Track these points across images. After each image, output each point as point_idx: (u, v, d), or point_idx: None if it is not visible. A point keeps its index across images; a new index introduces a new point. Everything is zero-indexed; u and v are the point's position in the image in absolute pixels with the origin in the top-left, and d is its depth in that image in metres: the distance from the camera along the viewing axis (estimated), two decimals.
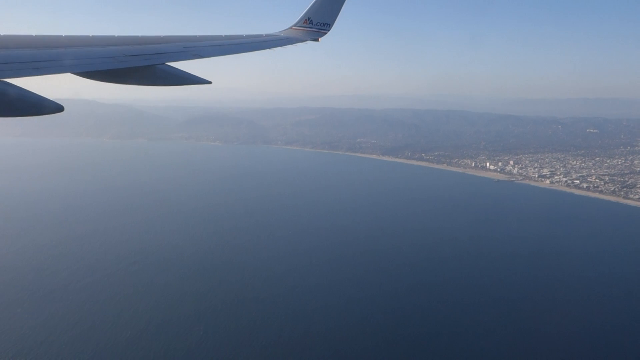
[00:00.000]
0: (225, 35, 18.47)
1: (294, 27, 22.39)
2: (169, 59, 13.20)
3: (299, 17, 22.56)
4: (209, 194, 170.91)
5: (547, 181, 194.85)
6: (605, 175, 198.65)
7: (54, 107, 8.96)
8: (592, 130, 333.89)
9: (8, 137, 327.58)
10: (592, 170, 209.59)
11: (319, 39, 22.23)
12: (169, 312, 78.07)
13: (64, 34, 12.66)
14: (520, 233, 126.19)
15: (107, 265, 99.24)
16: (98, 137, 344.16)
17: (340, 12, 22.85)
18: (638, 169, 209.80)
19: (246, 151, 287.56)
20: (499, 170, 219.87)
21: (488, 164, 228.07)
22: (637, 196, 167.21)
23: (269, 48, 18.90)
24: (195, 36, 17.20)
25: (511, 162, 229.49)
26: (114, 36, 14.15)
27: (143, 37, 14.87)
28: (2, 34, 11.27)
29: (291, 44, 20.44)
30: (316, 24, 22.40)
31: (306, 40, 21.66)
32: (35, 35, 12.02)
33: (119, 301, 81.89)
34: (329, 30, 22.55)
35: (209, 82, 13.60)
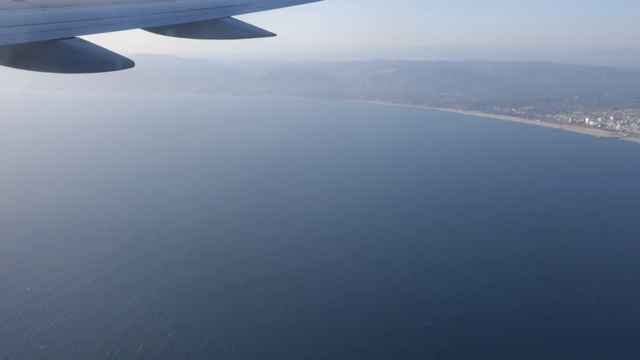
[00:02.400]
0: None
1: None
2: (234, 11, 13.15)
3: None
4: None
5: None
6: None
7: (125, 63, 9.30)
8: None
9: (98, 91, 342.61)
10: None
11: None
12: None
13: None
14: None
15: None
16: (182, 92, 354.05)
17: None
18: None
19: (332, 106, 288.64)
20: (599, 126, 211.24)
21: (587, 120, 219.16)
22: None
23: None
24: None
25: (611, 118, 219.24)
26: None
27: None
28: None
29: None
30: None
31: None
32: None
33: None
34: None
35: (274, 35, 13.50)
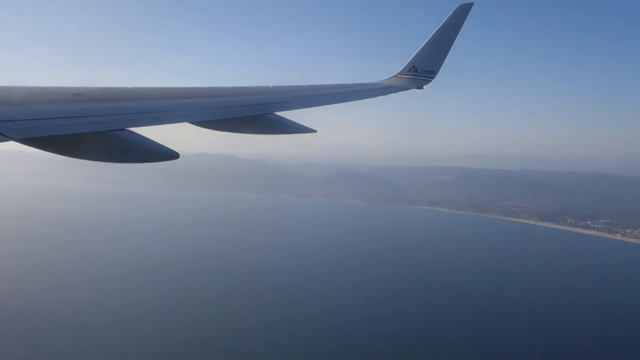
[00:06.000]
0: (331, 85, 18.88)
1: (398, 76, 22.58)
2: (277, 108, 13.63)
3: (404, 66, 22.64)
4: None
5: None
6: None
7: (170, 154, 9.47)
8: None
9: (158, 188, 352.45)
10: None
11: (424, 87, 22.50)
12: None
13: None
14: None
15: None
16: (242, 191, 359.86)
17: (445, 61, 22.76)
18: None
19: (397, 212, 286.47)
20: None
21: None
22: None
23: (373, 97, 19.21)
24: (302, 86, 17.54)
25: None
26: (226, 87, 14.95)
27: (254, 88, 15.69)
28: (127, 87, 12.25)
29: (395, 92, 20.79)
30: (421, 72, 22.46)
31: (410, 88, 21.90)
32: (156, 87, 13.15)
33: None
34: (433, 78, 22.64)
35: (314, 131, 13.85)
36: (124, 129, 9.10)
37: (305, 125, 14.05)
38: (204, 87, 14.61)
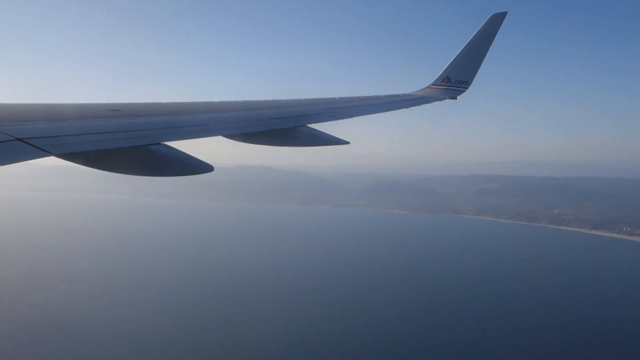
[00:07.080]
0: (363, 97, 18.89)
1: (431, 86, 22.45)
2: (310, 120, 13.62)
3: (437, 76, 22.51)
4: None
5: None
6: None
7: (205, 167, 9.45)
8: None
9: (201, 201, 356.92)
10: None
11: (457, 97, 22.17)
12: None
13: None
14: None
15: None
16: (285, 203, 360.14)
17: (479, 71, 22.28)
18: None
19: (447, 222, 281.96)
20: None
21: None
22: None
23: (406, 107, 19.16)
24: (334, 98, 17.64)
25: None
26: (259, 100, 15.02)
27: (286, 101, 15.76)
28: (162, 102, 12.58)
29: (429, 102, 20.67)
30: (454, 82, 22.33)
31: (444, 98, 21.67)
32: (190, 102, 13.43)
33: None
34: (467, 88, 22.45)
35: (347, 143, 13.87)
36: (160, 143, 9.19)
37: (340, 136, 14.14)
38: (237, 101, 14.84)
